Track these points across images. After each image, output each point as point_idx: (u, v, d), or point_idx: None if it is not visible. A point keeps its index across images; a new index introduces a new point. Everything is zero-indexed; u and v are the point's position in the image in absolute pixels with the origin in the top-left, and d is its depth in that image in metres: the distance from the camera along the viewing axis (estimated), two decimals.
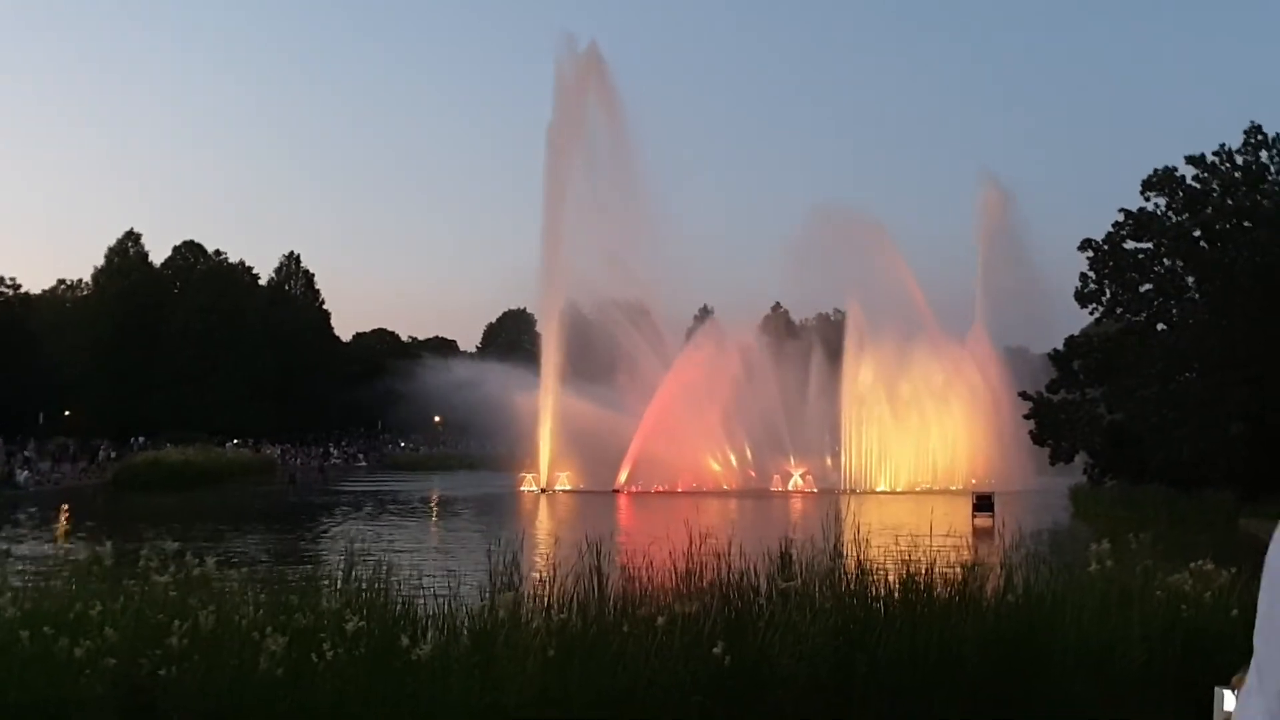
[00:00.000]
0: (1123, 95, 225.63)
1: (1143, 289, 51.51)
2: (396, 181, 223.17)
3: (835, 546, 11.64)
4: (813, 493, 65.36)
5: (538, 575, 11.42)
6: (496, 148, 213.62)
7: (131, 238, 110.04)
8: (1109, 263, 51.70)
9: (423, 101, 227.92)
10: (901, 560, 11.36)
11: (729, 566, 11.05)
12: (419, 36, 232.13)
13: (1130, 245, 51.91)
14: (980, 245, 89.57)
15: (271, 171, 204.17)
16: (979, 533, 35.00)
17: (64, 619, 9.10)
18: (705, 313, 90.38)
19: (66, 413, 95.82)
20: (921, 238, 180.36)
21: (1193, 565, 11.77)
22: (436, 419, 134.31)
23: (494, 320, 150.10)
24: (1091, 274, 52.15)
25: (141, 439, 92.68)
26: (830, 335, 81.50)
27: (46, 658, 8.66)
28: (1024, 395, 55.77)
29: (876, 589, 10.95)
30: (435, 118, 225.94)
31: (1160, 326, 51.40)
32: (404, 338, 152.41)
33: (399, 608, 10.44)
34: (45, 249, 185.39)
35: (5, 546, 30.96)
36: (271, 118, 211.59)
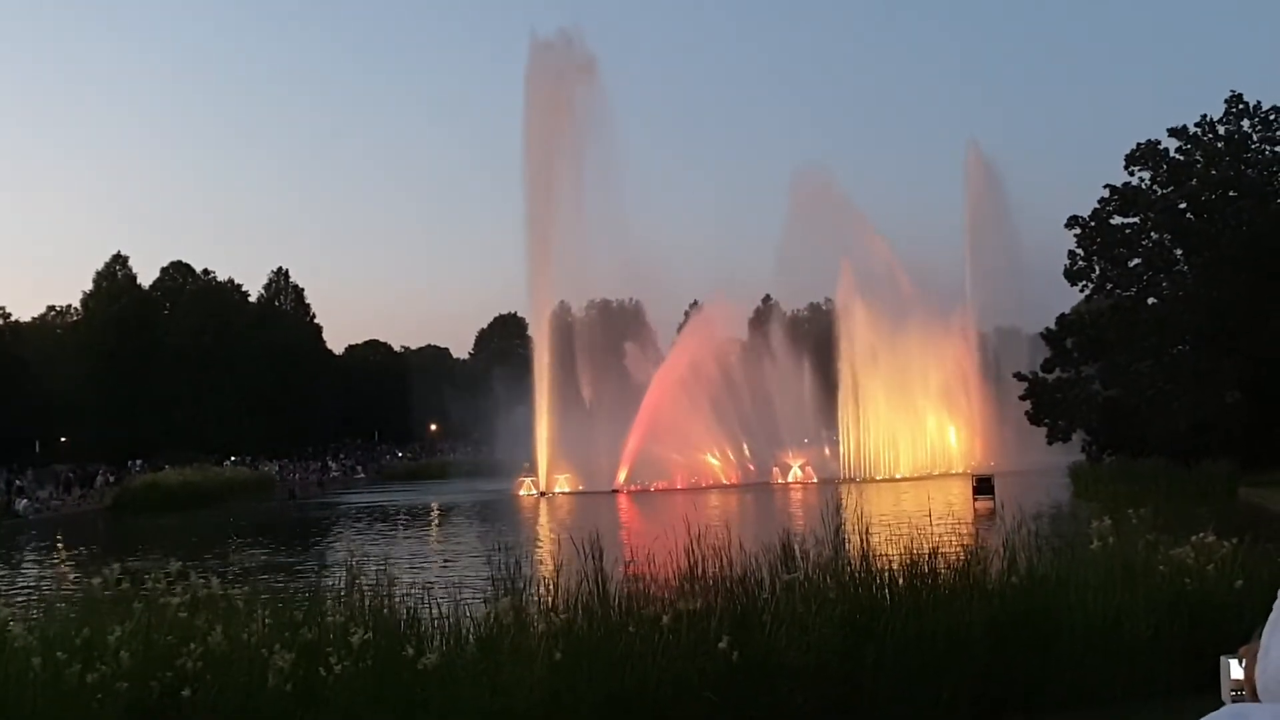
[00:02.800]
0: (1103, 69, 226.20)
1: (1131, 264, 51.55)
2: (381, 191, 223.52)
3: (837, 536, 11.65)
4: (813, 483, 65.37)
5: (541, 578, 11.42)
6: (478, 152, 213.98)
7: (119, 261, 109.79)
8: (1096, 239, 51.77)
9: (402, 108, 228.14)
10: (905, 547, 11.37)
11: (732, 561, 11.05)
12: (396, 45, 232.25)
13: (1117, 220, 51.99)
14: (967, 226, 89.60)
15: (257, 188, 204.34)
16: (980, 516, 35.07)
17: (73, 644, 9.09)
18: (696, 308, 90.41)
19: (62, 439, 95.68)
20: (908, 220, 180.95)
21: (1194, 538, 11.81)
22: (433, 427, 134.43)
23: (485, 326, 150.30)
24: (1080, 251, 52.21)
25: (139, 462, 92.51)
26: (822, 325, 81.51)
27: (58, 683, 8.64)
28: (1019, 376, 55.80)
29: (881, 577, 10.96)
30: (415, 124, 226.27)
31: (1151, 300, 51.44)
32: (396, 348, 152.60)
33: (404, 618, 10.43)
34: (33, 277, 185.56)
35: (11, 575, 30.98)
36: (253, 134, 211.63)
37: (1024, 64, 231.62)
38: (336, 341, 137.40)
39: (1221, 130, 51.52)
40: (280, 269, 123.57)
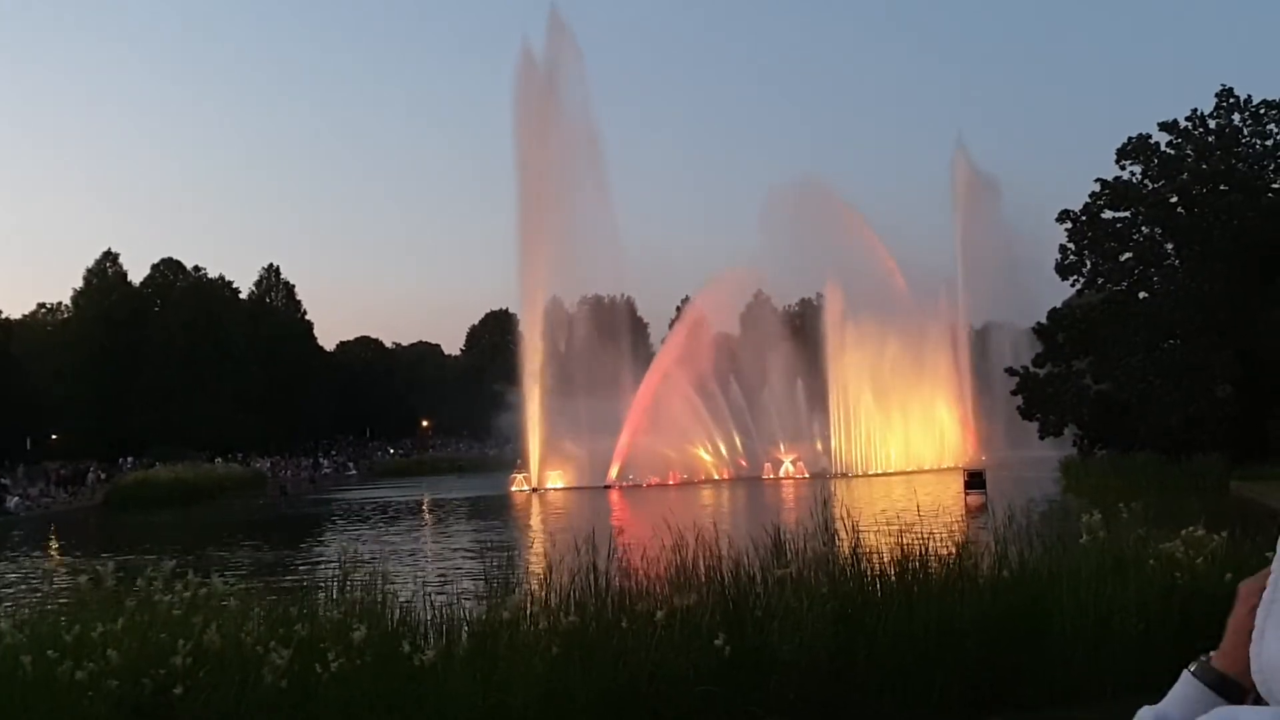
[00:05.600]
0: (1093, 64, 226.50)
1: (1122, 258, 51.54)
2: (372, 188, 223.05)
3: (828, 531, 11.68)
4: (804, 478, 65.40)
5: (535, 575, 11.45)
6: (468, 148, 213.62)
7: (109, 258, 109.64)
8: (1088, 233, 51.76)
9: (392, 104, 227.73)
10: (896, 541, 11.41)
11: (724, 557, 11.09)
12: (386, 42, 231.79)
13: (1108, 215, 51.98)
14: (957, 223, 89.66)
15: (248, 185, 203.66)
16: (972, 510, 35.17)
17: (64, 642, 9.07)
18: (687, 303, 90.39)
19: (53, 436, 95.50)
20: (898, 213, 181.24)
21: (1185, 531, 11.84)
22: (424, 423, 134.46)
23: (476, 322, 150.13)
24: (1071, 245, 52.21)
25: (131, 459, 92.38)
26: (814, 320, 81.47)
27: (49, 681, 8.63)
28: (1010, 371, 55.86)
29: (872, 571, 11.02)
30: (405, 120, 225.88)
31: (1142, 295, 51.47)
32: (388, 344, 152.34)
33: (398, 614, 10.44)
34: (23, 274, 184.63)
35: (0, 572, 30.92)
36: (243, 131, 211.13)
37: (1014, 59, 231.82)
38: (328, 338, 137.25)
39: (1212, 124, 51.57)
40: (271, 266, 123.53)
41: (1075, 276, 52.45)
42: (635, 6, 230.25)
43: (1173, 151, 51.57)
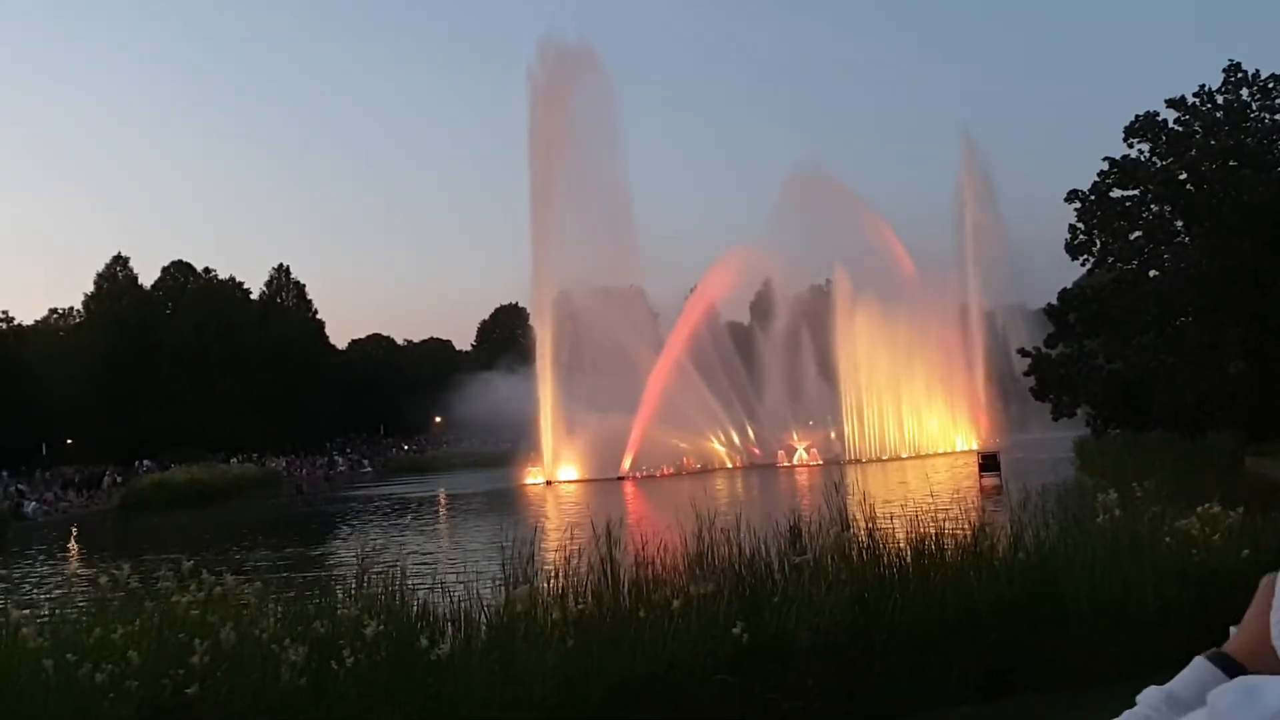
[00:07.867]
0: (1102, 43, 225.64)
1: (1132, 237, 51.32)
2: (380, 186, 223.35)
3: (844, 517, 11.68)
4: (818, 465, 65.38)
5: (551, 566, 11.47)
6: (476, 146, 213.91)
7: (120, 261, 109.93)
8: (1097, 212, 51.54)
9: (400, 102, 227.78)
10: (911, 526, 11.41)
11: (740, 545, 11.09)
12: (394, 41, 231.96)
13: (1117, 193, 51.76)
14: (965, 205, 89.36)
15: (257, 186, 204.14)
16: (987, 492, 35.13)
17: (85, 644, 9.11)
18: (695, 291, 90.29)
19: (69, 441, 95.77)
20: (906, 199, 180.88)
21: (1200, 509, 11.81)
22: (437, 419, 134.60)
23: (487, 317, 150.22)
24: (1080, 225, 52.01)
25: (146, 462, 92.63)
26: (823, 306, 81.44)
27: (70, 685, 8.66)
28: (1022, 352, 55.72)
29: (888, 556, 11.01)
30: (414, 118, 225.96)
31: (1152, 273, 51.26)
32: (399, 341, 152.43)
33: (416, 608, 10.47)
34: (35, 279, 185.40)
35: (21, 577, 31.04)
36: (252, 132, 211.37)
37: (1019, 41, 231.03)
38: (339, 336, 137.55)
39: (1220, 100, 51.27)
40: (281, 266, 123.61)
41: (1085, 256, 52.28)
42: (643, 2, 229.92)
43: (1181, 128, 51.31)
